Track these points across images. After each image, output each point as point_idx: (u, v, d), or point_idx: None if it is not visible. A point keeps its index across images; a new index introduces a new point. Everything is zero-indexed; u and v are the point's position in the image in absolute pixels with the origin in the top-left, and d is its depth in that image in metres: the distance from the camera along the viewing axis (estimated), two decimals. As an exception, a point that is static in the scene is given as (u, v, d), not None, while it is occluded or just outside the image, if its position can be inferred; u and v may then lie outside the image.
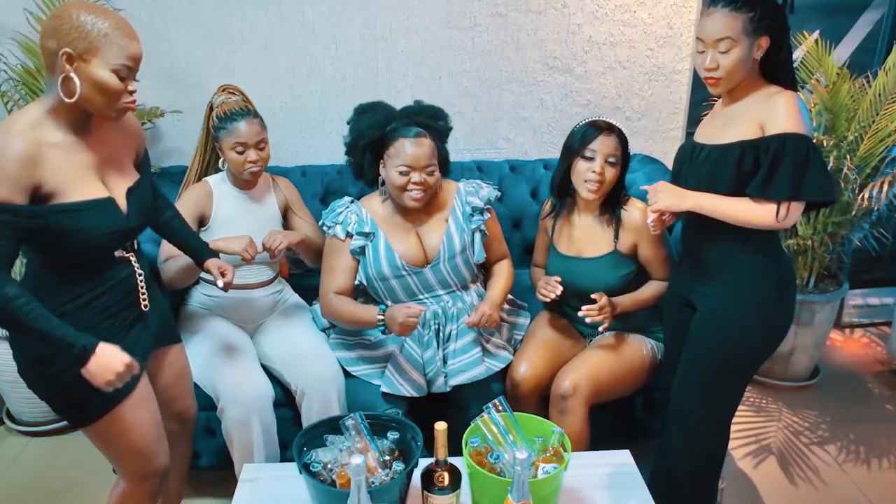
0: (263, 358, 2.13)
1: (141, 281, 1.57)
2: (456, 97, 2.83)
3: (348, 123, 2.10)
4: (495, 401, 1.60)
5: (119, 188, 1.50)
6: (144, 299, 1.58)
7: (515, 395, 2.04)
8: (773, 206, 1.57)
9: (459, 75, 2.82)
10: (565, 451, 1.56)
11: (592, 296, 1.96)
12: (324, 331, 2.18)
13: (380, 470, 1.54)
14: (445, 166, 2.10)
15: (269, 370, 2.11)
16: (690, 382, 1.80)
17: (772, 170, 1.57)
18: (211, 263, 1.80)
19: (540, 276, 2.18)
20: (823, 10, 2.88)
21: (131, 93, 1.42)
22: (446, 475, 1.51)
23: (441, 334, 2.03)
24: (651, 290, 2.06)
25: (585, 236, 2.07)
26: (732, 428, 2.56)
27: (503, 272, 2.17)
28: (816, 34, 2.68)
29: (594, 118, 2.00)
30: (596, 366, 1.98)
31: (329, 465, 1.55)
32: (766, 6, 1.58)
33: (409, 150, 1.93)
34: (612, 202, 2.04)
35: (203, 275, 2.15)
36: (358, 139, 2.02)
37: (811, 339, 2.81)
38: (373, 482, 1.51)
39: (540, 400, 2.06)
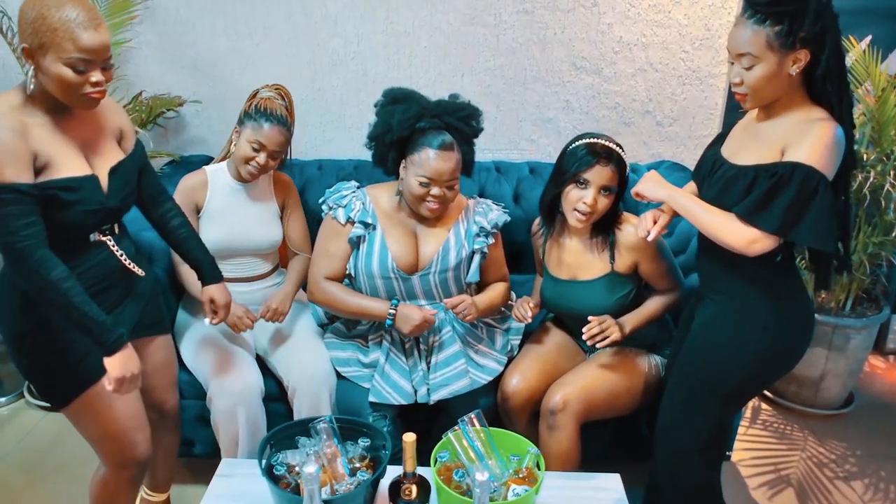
0: (261, 350, 2.13)
1: (123, 258, 1.57)
2: (478, 96, 2.76)
3: (375, 106, 2.01)
4: (471, 415, 1.55)
5: (102, 167, 1.50)
6: (135, 268, 1.59)
7: (506, 409, 1.97)
8: (751, 232, 1.45)
9: (482, 73, 2.75)
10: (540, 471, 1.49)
11: (590, 318, 1.87)
12: (321, 326, 2.16)
13: (347, 477, 1.51)
14: (469, 168, 2.02)
15: (266, 363, 2.11)
16: (673, 398, 1.71)
17: (769, 196, 1.44)
18: (206, 295, 1.79)
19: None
20: (878, 14, 2.69)
21: (95, 83, 1.39)
22: (414, 488, 1.47)
23: (424, 344, 1.98)
24: (655, 303, 1.95)
25: (577, 259, 1.98)
26: (748, 455, 2.50)
27: (497, 288, 2.08)
28: (867, 41, 2.50)
29: (593, 138, 1.87)
30: (590, 381, 1.89)
31: (296, 469, 1.52)
32: (798, 18, 1.40)
33: (433, 162, 1.84)
34: (603, 225, 1.94)
35: None
36: (385, 132, 1.93)
37: (844, 366, 2.63)
38: (337, 490, 1.47)
39: (532, 415, 1.98)
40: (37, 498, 2.23)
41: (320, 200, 2.05)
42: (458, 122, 1.94)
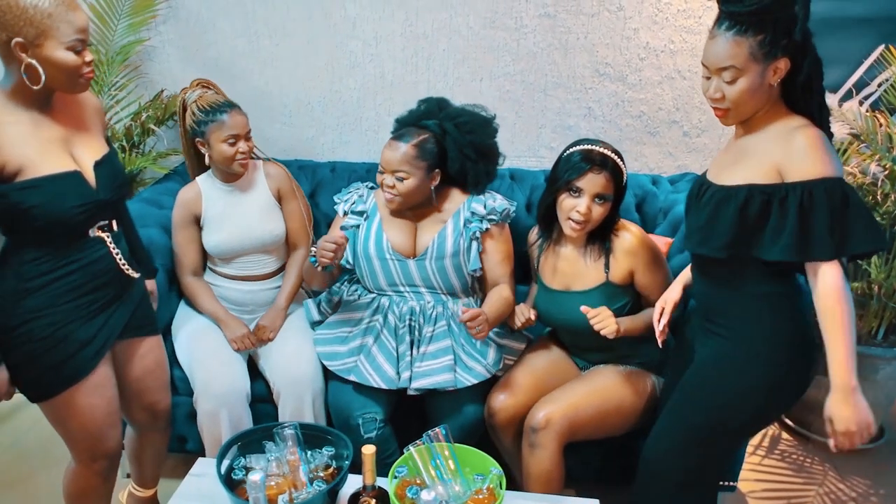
0: (252, 351, 2.12)
1: (120, 258, 1.56)
2: (497, 101, 2.71)
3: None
4: (437, 429, 1.50)
5: (87, 161, 1.50)
6: (128, 270, 1.59)
7: (493, 424, 1.91)
8: (831, 276, 1.34)
9: (502, 78, 2.70)
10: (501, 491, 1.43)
11: (582, 308, 1.78)
12: (313, 326, 2.15)
13: (307, 486, 1.49)
14: (461, 178, 2.02)
15: (257, 364, 2.11)
16: (668, 434, 1.61)
17: (804, 226, 1.35)
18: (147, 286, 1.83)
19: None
20: (927, 23, 2.51)
21: (88, 63, 1.41)
22: (373, 501, 1.44)
23: (417, 333, 1.96)
24: (650, 314, 1.86)
25: (572, 269, 1.91)
26: (759, 486, 2.38)
27: (499, 293, 1.99)
28: (911, 51, 2.34)
29: (589, 145, 1.80)
30: (578, 399, 1.81)
31: (258, 474, 1.51)
32: (779, 25, 1.34)
33: (383, 150, 1.95)
34: (599, 234, 1.86)
35: (209, 265, 2.18)
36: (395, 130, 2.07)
37: (872, 397, 2.39)
38: (295, 498, 1.46)
39: (519, 432, 1.90)
40: (46, 486, 2.28)
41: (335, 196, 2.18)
42: (454, 128, 1.99)
